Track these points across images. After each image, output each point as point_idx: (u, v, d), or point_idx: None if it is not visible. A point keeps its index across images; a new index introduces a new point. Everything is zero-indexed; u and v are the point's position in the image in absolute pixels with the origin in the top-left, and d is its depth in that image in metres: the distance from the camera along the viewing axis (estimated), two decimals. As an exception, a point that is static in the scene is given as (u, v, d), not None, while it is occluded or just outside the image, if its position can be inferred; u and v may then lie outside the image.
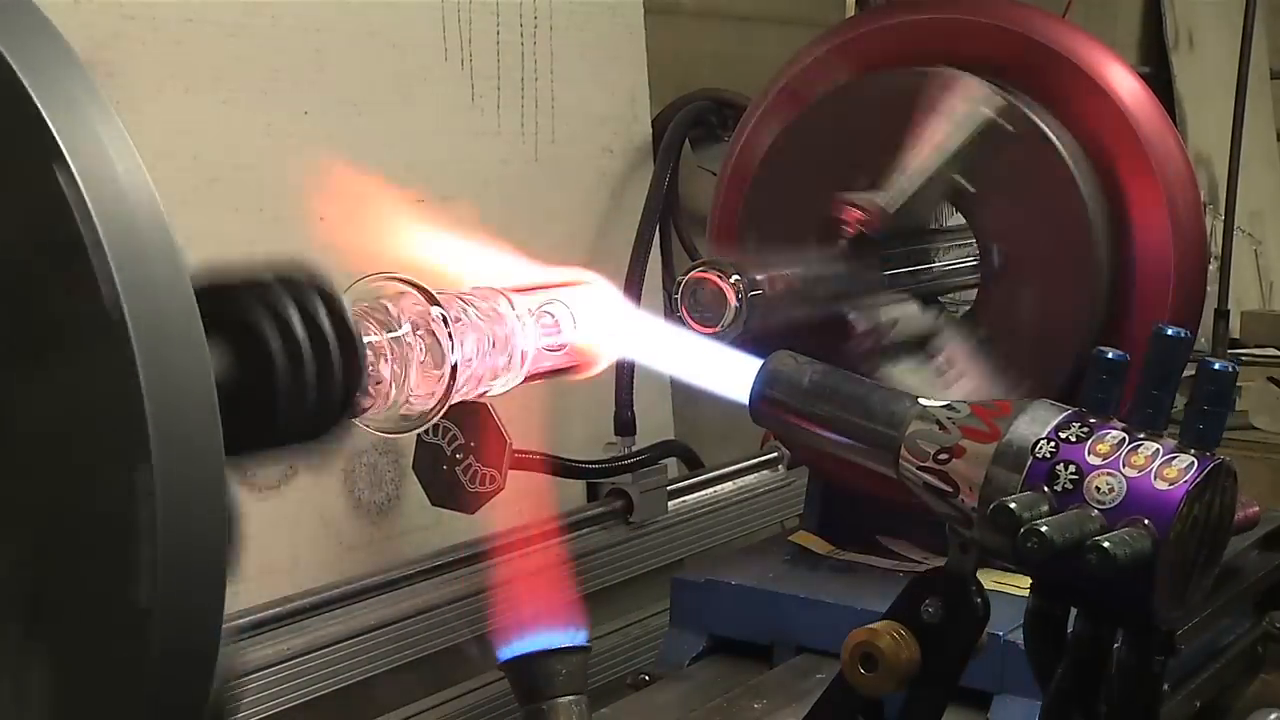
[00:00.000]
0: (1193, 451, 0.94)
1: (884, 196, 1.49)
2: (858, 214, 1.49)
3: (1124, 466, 0.94)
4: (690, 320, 1.30)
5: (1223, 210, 3.36)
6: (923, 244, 1.65)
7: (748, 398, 1.07)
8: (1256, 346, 3.46)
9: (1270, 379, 3.18)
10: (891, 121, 1.52)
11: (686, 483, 2.21)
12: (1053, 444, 0.96)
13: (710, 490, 2.24)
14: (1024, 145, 1.53)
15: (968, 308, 1.65)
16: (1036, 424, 0.97)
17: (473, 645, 1.76)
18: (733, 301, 1.29)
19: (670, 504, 2.15)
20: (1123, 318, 1.58)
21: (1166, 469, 0.93)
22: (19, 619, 0.61)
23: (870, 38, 1.67)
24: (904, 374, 1.51)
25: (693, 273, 1.31)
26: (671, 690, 1.63)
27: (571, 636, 1.14)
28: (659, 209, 2.20)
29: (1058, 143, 1.53)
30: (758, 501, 2.30)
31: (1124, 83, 1.60)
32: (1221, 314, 3.16)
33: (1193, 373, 0.98)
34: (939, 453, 0.99)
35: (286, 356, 0.73)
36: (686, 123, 2.27)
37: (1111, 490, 0.93)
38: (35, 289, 0.61)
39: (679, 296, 1.31)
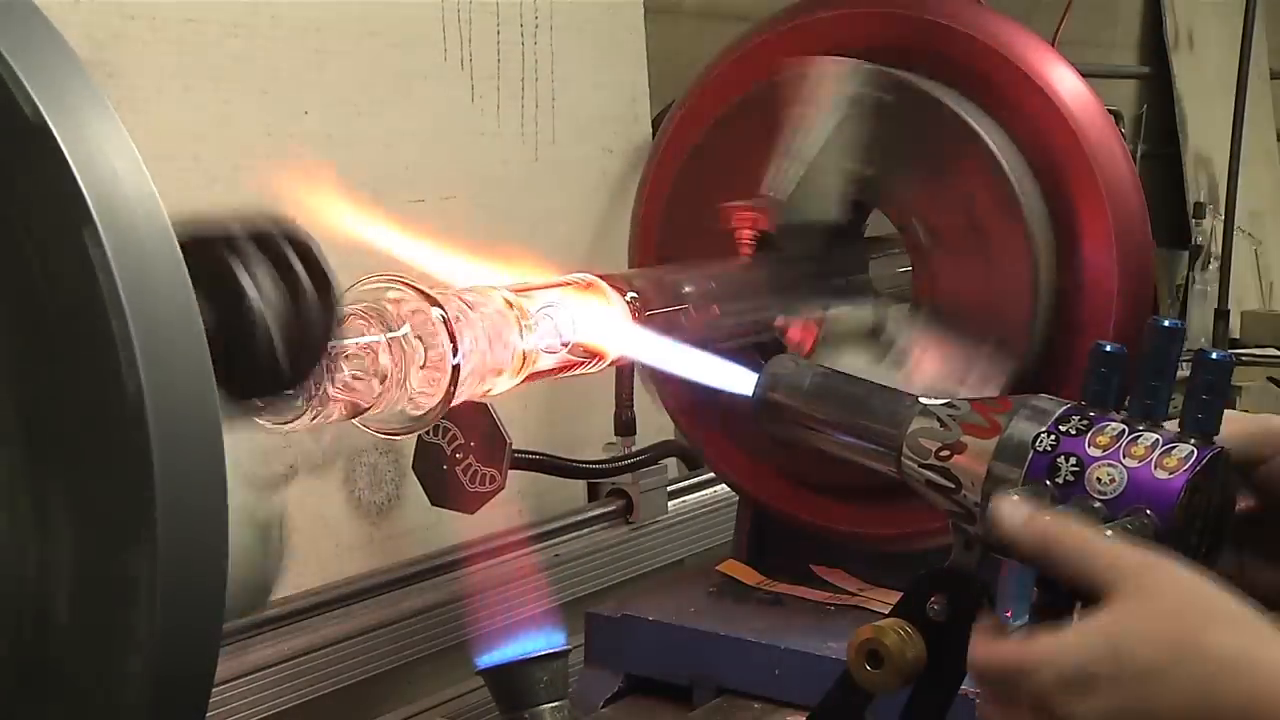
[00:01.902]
0: (1192, 440, 0.95)
1: (772, 190, 1.44)
2: (748, 214, 1.44)
3: (1124, 457, 0.94)
4: None
5: (1223, 210, 3.37)
6: (851, 252, 1.59)
7: (751, 402, 1.08)
8: (1256, 346, 3.46)
9: (1270, 379, 3.18)
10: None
11: (687, 483, 2.21)
12: (1053, 437, 0.97)
13: (710, 490, 2.23)
14: (981, 181, 1.45)
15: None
16: (1036, 418, 0.98)
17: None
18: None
19: (670, 504, 2.15)
20: (1066, 331, 1.49)
21: (1166, 458, 0.94)
22: (18, 440, 0.62)
23: (783, 38, 1.61)
24: (858, 369, 1.47)
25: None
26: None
27: (551, 642, 1.14)
28: (659, 209, 2.19)
29: (1012, 180, 1.45)
30: (758, 501, 2.30)
31: (1067, 83, 1.52)
32: (1221, 314, 3.17)
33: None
34: (940, 449, 1.00)
35: (265, 305, 0.75)
36: (687, 123, 2.26)
37: (1113, 481, 0.94)
38: (34, 280, 0.62)
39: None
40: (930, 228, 1.49)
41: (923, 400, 1.03)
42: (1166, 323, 0.98)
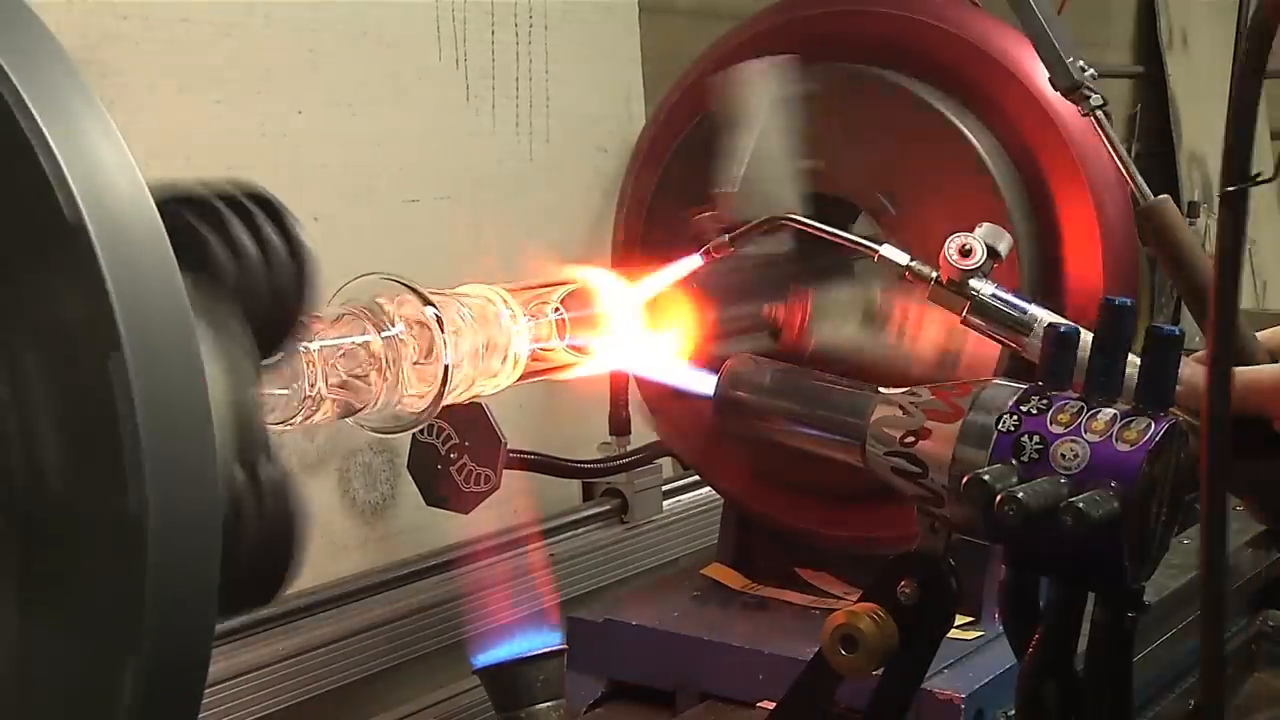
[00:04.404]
0: (1149, 413, 0.98)
1: (725, 189, 1.40)
2: (706, 216, 1.41)
3: (1086, 433, 0.98)
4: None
5: (1216, 210, 3.36)
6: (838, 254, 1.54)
7: (712, 401, 1.10)
8: (1251, 345, 3.46)
9: (1265, 378, 3.18)
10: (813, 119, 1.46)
11: (681, 482, 2.21)
12: (1015, 417, 1.00)
13: (705, 490, 2.24)
14: (965, 183, 1.44)
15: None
16: (998, 400, 1.01)
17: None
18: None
19: (665, 503, 2.15)
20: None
21: (1126, 431, 0.97)
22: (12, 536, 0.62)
23: (766, 37, 1.57)
24: (857, 341, 1.44)
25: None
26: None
27: (547, 641, 1.14)
28: (654, 208, 2.19)
29: (997, 180, 1.44)
30: (753, 501, 2.30)
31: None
32: (1216, 313, 3.16)
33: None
34: (905, 436, 1.03)
35: (237, 267, 0.74)
36: (681, 122, 2.26)
37: (1076, 456, 0.97)
38: (25, 278, 0.61)
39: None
40: (914, 230, 1.48)
41: (883, 390, 1.06)
42: (1118, 301, 1.02)
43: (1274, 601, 1.90)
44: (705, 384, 1.12)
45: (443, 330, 1.01)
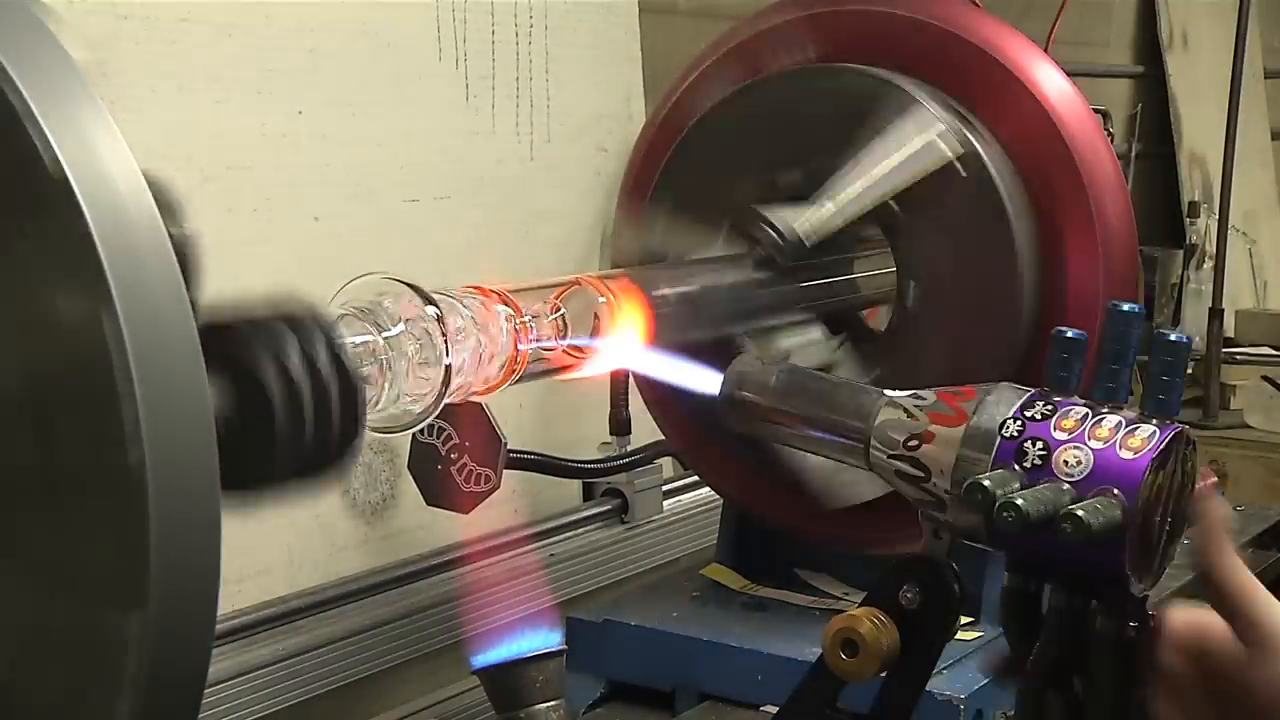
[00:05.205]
0: (1154, 421, 0.97)
1: (805, 224, 1.41)
2: (774, 238, 1.41)
3: (1089, 439, 0.97)
4: None
5: (1217, 209, 3.37)
6: (835, 258, 1.56)
7: (718, 400, 1.10)
8: (1251, 345, 3.46)
9: (1265, 378, 3.18)
10: (804, 120, 1.49)
11: (682, 482, 2.22)
12: (1019, 423, 0.99)
13: (705, 490, 2.24)
14: (967, 185, 1.43)
15: (877, 336, 1.56)
16: (1002, 405, 1.00)
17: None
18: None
19: (666, 503, 2.15)
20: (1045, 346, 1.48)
21: (1130, 439, 0.96)
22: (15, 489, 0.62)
23: (766, 37, 1.59)
24: None
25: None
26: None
27: (547, 641, 1.14)
28: (654, 208, 2.19)
29: (998, 182, 1.44)
30: (753, 501, 2.30)
31: (1053, 83, 1.51)
32: (1216, 313, 3.17)
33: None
34: (909, 439, 1.02)
35: (286, 397, 0.74)
36: (681, 122, 2.26)
37: (1079, 462, 0.96)
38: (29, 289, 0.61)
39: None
40: (915, 231, 1.49)
41: (888, 393, 1.05)
42: (1125, 307, 1.01)
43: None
44: (710, 384, 1.12)
45: (444, 329, 1.01)
